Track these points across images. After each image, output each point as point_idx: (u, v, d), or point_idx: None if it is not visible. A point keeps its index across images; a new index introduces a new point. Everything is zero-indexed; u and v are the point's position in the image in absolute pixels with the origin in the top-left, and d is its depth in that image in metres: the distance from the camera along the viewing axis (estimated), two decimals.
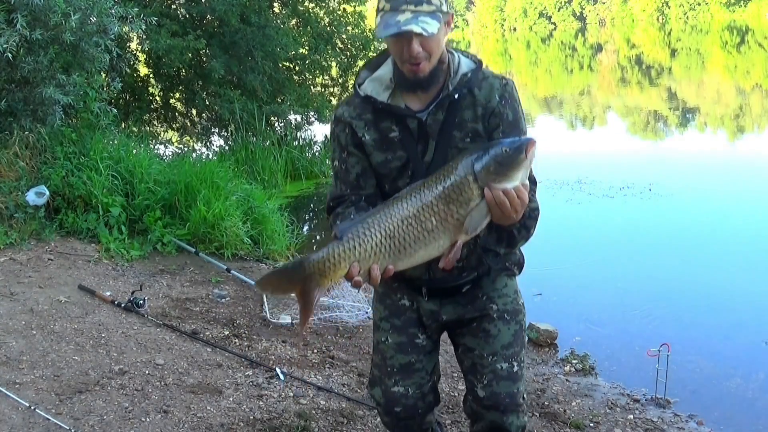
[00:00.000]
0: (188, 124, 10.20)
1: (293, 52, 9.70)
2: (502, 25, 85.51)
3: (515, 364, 2.07)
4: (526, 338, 2.20)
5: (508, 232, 1.91)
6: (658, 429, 3.26)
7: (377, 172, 1.98)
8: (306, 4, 10.27)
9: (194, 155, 8.15)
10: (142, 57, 9.00)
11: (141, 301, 4.08)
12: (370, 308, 4.37)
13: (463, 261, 1.97)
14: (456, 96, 1.89)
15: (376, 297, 2.19)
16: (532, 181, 1.87)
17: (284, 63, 9.90)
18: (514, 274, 2.13)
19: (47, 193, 5.18)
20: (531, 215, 1.88)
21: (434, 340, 2.16)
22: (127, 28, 6.09)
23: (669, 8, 70.29)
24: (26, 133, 5.41)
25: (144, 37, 7.75)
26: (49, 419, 2.80)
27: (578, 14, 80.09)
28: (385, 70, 1.94)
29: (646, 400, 3.54)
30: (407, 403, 2.11)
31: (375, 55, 2.20)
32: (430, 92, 1.91)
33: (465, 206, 1.75)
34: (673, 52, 33.70)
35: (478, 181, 1.73)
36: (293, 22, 10.32)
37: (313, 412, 3.08)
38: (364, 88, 1.94)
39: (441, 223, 1.76)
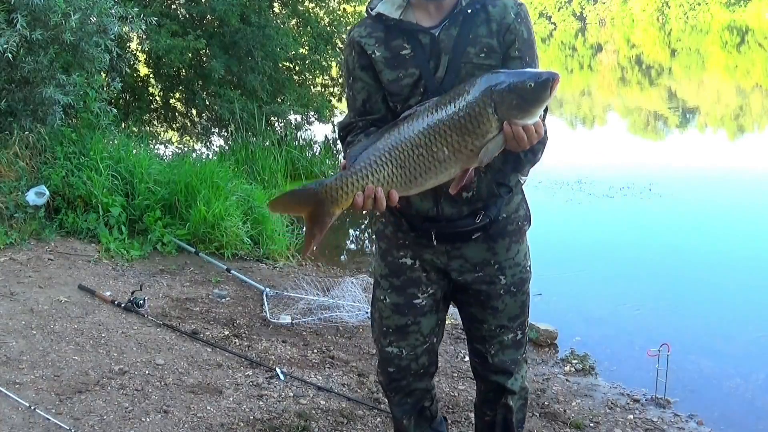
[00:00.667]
0: (188, 124, 10.20)
1: (293, 52, 9.69)
2: None
3: (519, 332, 2.14)
4: (530, 297, 2.16)
5: (515, 155, 1.89)
6: (658, 429, 3.26)
7: (389, 91, 1.92)
8: (306, 4, 10.27)
9: (194, 155, 8.15)
10: (142, 57, 9.00)
11: (141, 301, 4.08)
12: (371, 308, 4.37)
13: (473, 191, 1.93)
14: (469, 11, 1.87)
15: (378, 252, 2.16)
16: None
17: (284, 63, 9.89)
18: (523, 233, 2.10)
19: (47, 193, 5.18)
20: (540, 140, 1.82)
21: (436, 299, 2.12)
22: (127, 28, 6.09)
23: (669, 8, 70.30)
24: (26, 133, 5.41)
25: (144, 37, 7.75)
26: (49, 419, 2.80)
27: (578, 14, 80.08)
28: None
29: (646, 400, 3.54)
30: (400, 364, 2.15)
31: None
32: (443, 8, 1.88)
33: (481, 138, 1.70)
34: (673, 52, 33.70)
35: (498, 114, 1.67)
36: (293, 22, 10.32)
37: (313, 412, 3.08)
38: (377, 7, 1.92)
39: (454, 153, 1.71)
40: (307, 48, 10.02)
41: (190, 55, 8.58)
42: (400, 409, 2.25)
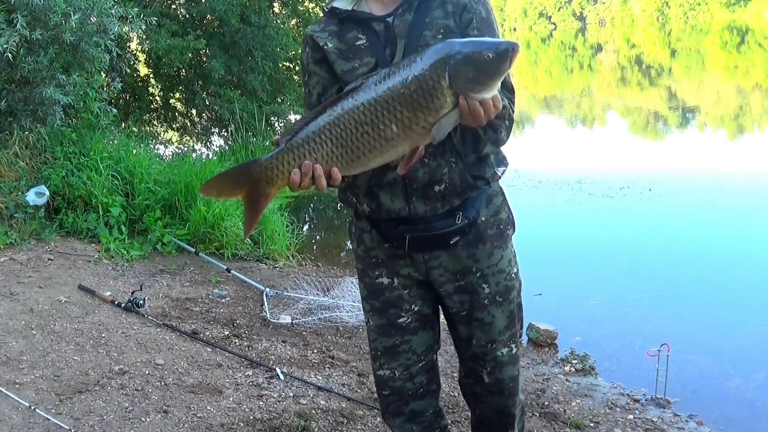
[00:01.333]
0: (188, 124, 10.20)
1: (293, 52, 9.69)
2: (502, 25, 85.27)
3: (513, 345, 2.01)
4: (522, 308, 2.02)
5: (474, 132, 1.74)
6: (658, 429, 3.26)
7: (345, 82, 1.79)
8: (306, 4, 10.27)
9: (194, 155, 8.15)
10: (142, 57, 9.00)
11: (141, 301, 4.08)
12: None
13: (445, 184, 1.80)
14: None
15: (357, 271, 2.06)
16: (510, 89, 1.77)
17: (284, 63, 9.89)
18: (507, 238, 1.95)
19: (47, 193, 5.18)
20: (499, 115, 1.62)
21: (424, 314, 2.00)
22: (127, 28, 6.09)
23: (669, 8, 70.33)
24: (26, 133, 5.41)
25: (144, 37, 7.75)
26: (49, 419, 2.80)
27: (578, 14, 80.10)
28: None
29: (646, 400, 3.54)
30: (394, 386, 2.04)
31: None
32: None
33: (435, 114, 1.53)
34: (673, 52, 33.69)
35: (453, 88, 1.51)
36: (293, 22, 10.31)
37: (313, 412, 3.08)
38: (333, 2, 1.87)
39: (404, 130, 1.54)
40: None
41: (190, 55, 8.58)
42: None
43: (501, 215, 1.94)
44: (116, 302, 4.11)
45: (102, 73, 6.13)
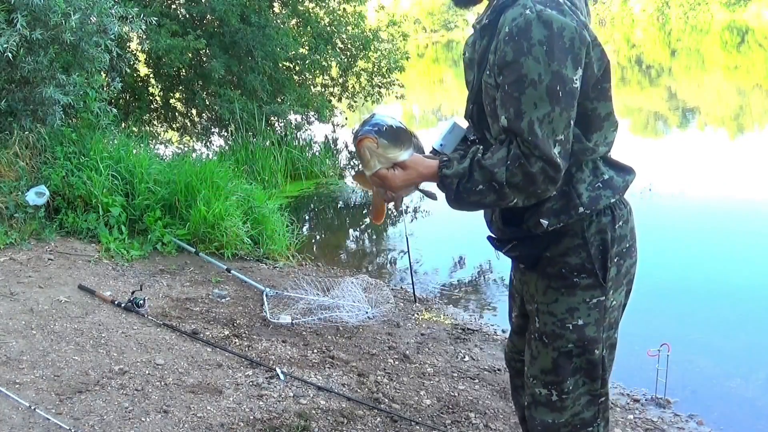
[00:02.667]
0: (188, 124, 10.21)
1: (293, 52, 9.70)
2: None
3: (554, 392, 1.82)
4: (581, 366, 1.80)
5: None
6: (658, 429, 3.26)
7: None
8: (306, 4, 10.28)
9: (194, 155, 8.15)
10: (142, 57, 9.01)
11: (141, 301, 4.08)
12: (370, 308, 4.38)
13: (494, 217, 1.85)
14: (486, 21, 1.68)
15: None
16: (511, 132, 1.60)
17: (284, 63, 9.91)
18: (572, 285, 1.75)
19: (47, 193, 5.18)
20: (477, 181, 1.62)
21: (520, 318, 2.03)
22: (127, 28, 6.09)
23: (669, 8, 70.30)
24: (26, 133, 5.41)
25: (144, 37, 7.76)
26: (49, 419, 2.80)
27: None
28: None
29: (646, 400, 3.54)
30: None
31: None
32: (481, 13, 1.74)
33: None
34: (673, 52, 33.69)
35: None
36: (293, 22, 10.33)
37: (313, 412, 3.08)
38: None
39: None
40: (307, 48, 10.04)
41: (190, 55, 8.60)
42: None
43: (569, 259, 1.74)
44: (116, 302, 4.11)
45: (102, 73, 6.13)
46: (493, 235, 1.87)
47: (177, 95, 10.02)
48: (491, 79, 1.63)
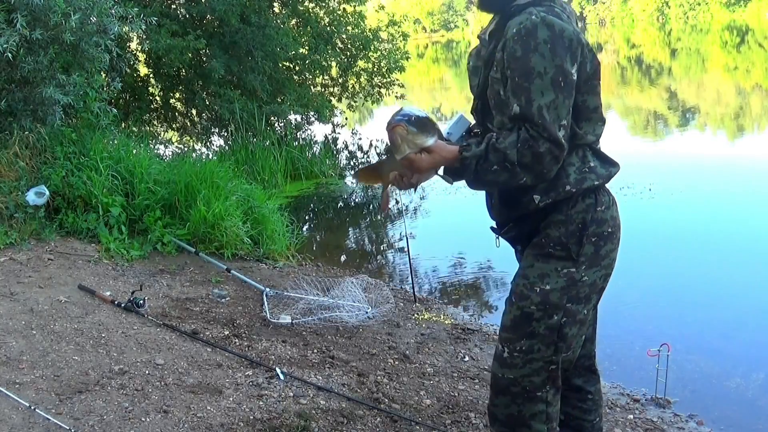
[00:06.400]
0: (188, 124, 10.21)
1: (293, 52, 9.70)
2: None
3: (506, 349, 2.04)
4: (539, 332, 1.98)
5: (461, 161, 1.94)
6: (658, 429, 3.26)
7: None
8: (306, 4, 10.28)
9: (194, 155, 8.15)
10: (142, 57, 9.02)
11: (141, 301, 4.08)
12: (370, 308, 4.38)
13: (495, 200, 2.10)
14: (494, 27, 2.01)
15: None
16: (521, 117, 1.89)
17: (284, 63, 9.91)
18: (549, 255, 1.97)
19: (47, 193, 5.18)
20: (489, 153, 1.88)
21: None
22: (127, 28, 6.09)
23: (669, 8, 70.30)
24: (26, 133, 5.40)
25: (144, 37, 7.76)
26: (49, 419, 2.80)
27: (578, 14, 79.99)
28: None
29: (646, 400, 3.54)
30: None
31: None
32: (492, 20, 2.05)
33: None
34: (673, 52, 33.69)
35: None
36: (293, 22, 10.33)
37: (313, 412, 3.08)
38: None
39: None
40: (307, 48, 10.04)
41: (190, 55, 8.60)
42: None
43: (550, 231, 1.97)
44: (116, 302, 4.11)
45: (102, 73, 6.13)
46: (493, 222, 2.14)
47: (177, 95, 10.02)
48: (497, 74, 1.89)
